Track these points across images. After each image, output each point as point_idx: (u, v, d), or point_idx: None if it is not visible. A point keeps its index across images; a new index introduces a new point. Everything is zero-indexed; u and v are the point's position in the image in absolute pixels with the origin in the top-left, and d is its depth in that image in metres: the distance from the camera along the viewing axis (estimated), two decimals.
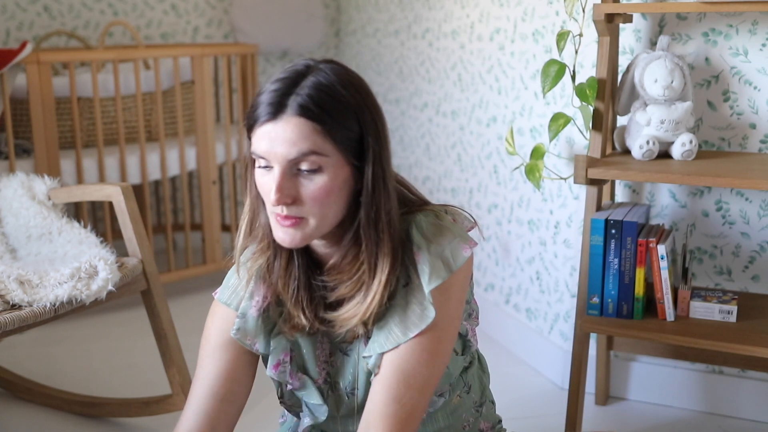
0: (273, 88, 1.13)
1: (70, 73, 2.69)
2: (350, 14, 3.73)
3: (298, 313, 1.23)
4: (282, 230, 1.15)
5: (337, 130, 1.12)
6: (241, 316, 1.27)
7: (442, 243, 1.20)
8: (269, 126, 1.11)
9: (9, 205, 2.17)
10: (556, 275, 2.36)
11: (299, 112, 1.10)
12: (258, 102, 1.14)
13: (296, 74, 1.13)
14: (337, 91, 1.12)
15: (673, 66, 1.91)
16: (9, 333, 1.75)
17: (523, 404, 2.22)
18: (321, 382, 1.32)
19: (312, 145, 1.10)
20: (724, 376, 2.15)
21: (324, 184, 1.12)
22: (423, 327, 1.18)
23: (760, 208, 2.04)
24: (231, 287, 1.30)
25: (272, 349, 1.28)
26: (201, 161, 3.02)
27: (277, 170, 1.12)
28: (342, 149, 1.13)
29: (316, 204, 1.13)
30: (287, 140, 1.10)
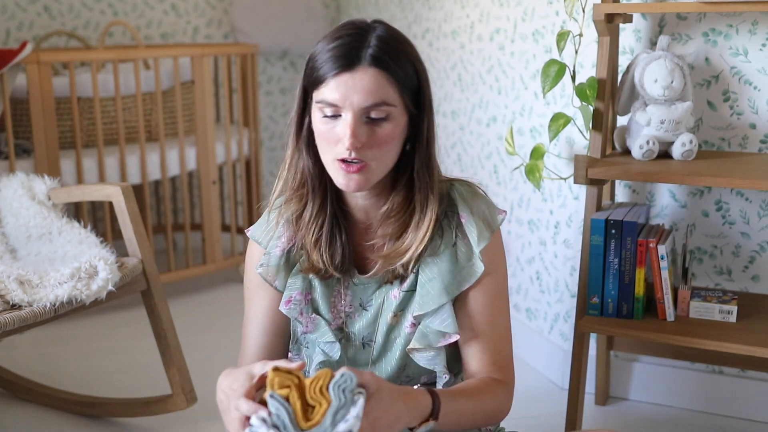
0: (340, 43, 1.21)
1: (70, 73, 2.69)
2: (350, 14, 3.73)
3: (317, 257, 1.30)
4: (346, 176, 1.23)
5: (403, 81, 1.22)
6: (267, 253, 1.35)
7: (482, 207, 1.33)
8: (345, 76, 1.19)
9: (9, 205, 2.17)
10: (556, 275, 2.36)
11: (374, 63, 1.19)
12: (323, 57, 1.22)
13: (360, 29, 1.22)
14: (400, 45, 1.24)
15: (673, 66, 1.91)
16: (9, 333, 1.75)
17: (523, 404, 2.22)
18: (334, 328, 1.36)
19: (384, 95, 1.20)
20: (724, 376, 2.15)
21: (390, 130, 1.22)
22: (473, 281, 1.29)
23: (760, 208, 2.04)
24: (262, 226, 1.37)
25: (288, 286, 1.34)
26: (201, 161, 3.02)
27: (349, 117, 1.20)
28: (405, 99, 1.23)
29: (381, 149, 1.22)
30: (363, 89, 1.19)
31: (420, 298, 1.29)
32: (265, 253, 1.35)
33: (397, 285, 1.32)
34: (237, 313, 2.99)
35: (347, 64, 1.19)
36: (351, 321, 1.35)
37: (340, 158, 1.22)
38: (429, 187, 1.28)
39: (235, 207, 3.27)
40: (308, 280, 1.34)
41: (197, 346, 2.59)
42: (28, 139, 2.77)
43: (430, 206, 1.28)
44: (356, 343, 1.36)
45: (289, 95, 3.93)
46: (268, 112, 3.91)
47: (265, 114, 3.91)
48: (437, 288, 1.28)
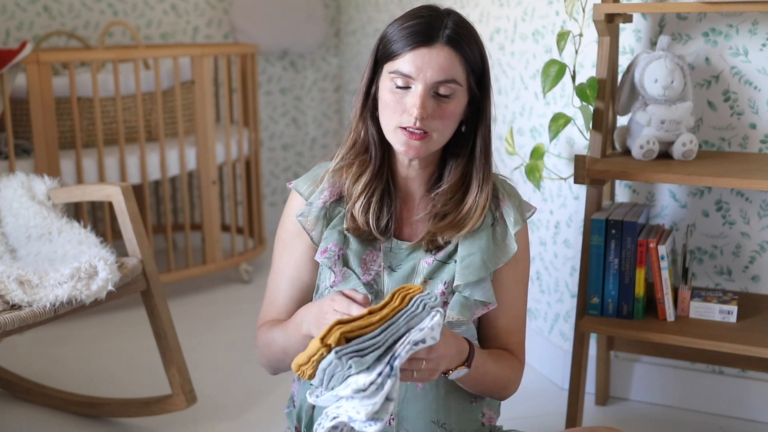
0: (419, 21, 1.30)
1: (70, 73, 2.69)
2: (350, 14, 3.73)
3: (364, 220, 1.37)
4: (408, 143, 1.31)
5: (471, 63, 1.33)
6: (309, 204, 1.41)
7: (519, 197, 1.46)
8: (424, 50, 1.29)
9: (9, 205, 2.17)
10: (556, 275, 2.36)
11: (449, 42, 1.29)
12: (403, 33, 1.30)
13: (437, 12, 1.32)
14: (473, 30, 1.34)
15: (673, 66, 1.90)
16: (9, 333, 1.75)
17: (523, 404, 2.22)
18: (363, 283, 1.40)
19: (454, 74, 1.30)
20: (724, 376, 2.15)
21: (453, 106, 1.32)
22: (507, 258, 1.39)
23: (760, 208, 2.04)
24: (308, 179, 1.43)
25: (324, 238, 1.40)
26: (201, 161, 3.02)
27: (420, 89, 1.29)
28: (470, 80, 1.34)
29: (442, 122, 1.32)
30: (437, 65, 1.29)
31: (462, 269, 1.36)
32: (307, 203, 1.41)
33: (431, 254, 1.39)
34: (237, 313, 3.00)
35: (425, 40, 1.29)
36: (380, 279, 1.39)
37: (403, 126, 1.30)
38: (487, 166, 1.40)
39: (235, 207, 3.27)
40: (344, 235, 1.40)
41: (197, 346, 2.59)
42: (28, 139, 2.77)
43: (488, 185, 1.39)
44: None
45: (289, 95, 3.93)
46: (268, 112, 3.91)
47: (265, 114, 3.91)
48: (478, 262, 1.36)
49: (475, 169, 1.40)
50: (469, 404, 1.41)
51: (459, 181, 1.39)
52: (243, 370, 2.45)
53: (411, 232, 1.41)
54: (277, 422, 2.13)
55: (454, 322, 1.35)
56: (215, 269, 3.12)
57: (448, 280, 1.37)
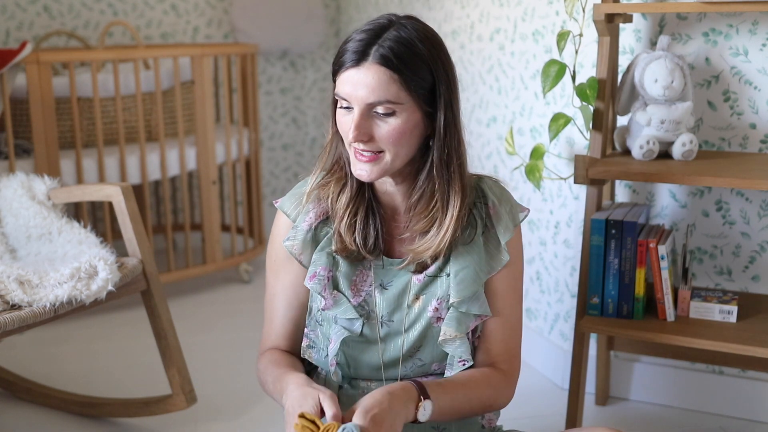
0: (359, 38, 1.27)
1: (70, 73, 2.69)
2: (350, 14, 3.73)
3: (351, 240, 1.35)
4: (360, 165, 1.29)
5: (412, 80, 1.26)
6: (295, 227, 1.39)
7: (510, 201, 1.40)
8: (353, 71, 1.26)
9: (9, 205, 2.17)
10: (556, 275, 2.36)
11: (380, 61, 1.24)
12: (344, 49, 1.28)
13: (380, 27, 1.28)
14: (415, 45, 1.27)
15: (673, 66, 1.90)
16: (9, 333, 1.74)
17: (523, 404, 2.22)
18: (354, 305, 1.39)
19: (387, 93, 1.25)
20: (724, 376, 2.15)
21: (397, 125, 1.27)
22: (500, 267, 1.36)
23: (760, 208, 2.04)
24: (293, 199, 1.42)
25: (313, 261, 1.38)
26: (201, 161, 3.02)
27: (356, 111, 1.26)
28: (415, 96, 1.27)
29: (389, 142, 1.27)
30: (367, 85, 1.25)
31: (457, 285, 1.34)
32: (293, 227, 1.39)
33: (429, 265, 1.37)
34: (237, 313, 3.00)
35: (356, 59, 1.25)
36: (371, 299, 1.38)
37: (353, 148, 1.29)
38: (449, 183, 1.32)
39: (235, 207, 3.27)
40: (332, 257, 1.38)
41: (197, 346, 2.59)
42: (28, 139, 2.77)
43: (452, 203, 1.32)
44: (375, 322, 1.38)
45: (289, 95, 3.93)
46: (268, 112, 3.91)
47: (265, 114, 3.91)
48: (471, 275, 1.34)
49: (438, 185, 1.33)
50: None
51: (430, 198, 1.34)
52: (243, 370, 2.45)
53: (400, 248, 1.39)
54: (277, 422, 2.13)
55: (448, 338, 1.34)
56: (215, 269, 3.12)
57: (441, 295, 1.35)
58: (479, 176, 1.41)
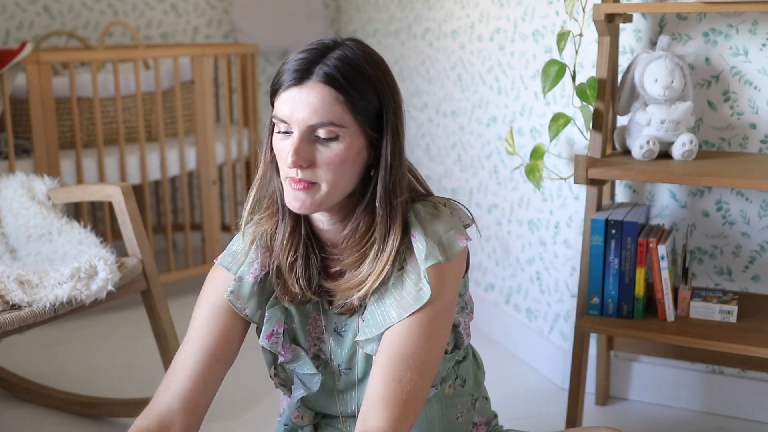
0: (301, 57, 1.18)
1: (70, 73, 2.69)
2: (350, 14, 3.73)
3: (293, 281, 1.26)
4: (294, 194, 1.19)
5: (358, 102, 1.16)
6: (238, 279, 1.30)
7: (439, 230, 1.24)
8: (294, 90, 1.16)
9: (9, 205, 2.17)
10: (556, 275, 2.36)
11: (324, 80, 1.15)
12: (284, 69, 1.18)
13: (324, 46, 1.19)
14: (361, 66, 1.18)
15: (674, 66, 1.90)
16: (9, 333, 1.75)
17: (523, 404, 2.22)
18: (311, 356, 1.33)
19: (331, 115, 1.15)
20: (724, 376, 2.15)
21: (339, 151, 1.16)
22: (419, 305, 1.20)
23: (760, 208, 2.04)
24: (232, 253, 1.33)
25: (267, 319, 1.30)
26: (201, 161, 3.02)
27: (295, 134, 1.16)
28: (360, 121, 1.17)
29: (329, 170, 1.17)
30: (309, 105, 1.15)
31: (365, 324, 1.24)
32: (235, 279, 1.29)
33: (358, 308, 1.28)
34: None
35: (298, 78, 1.16)
36: (327, 347, 1.32)
37: (289, 176, 1.18)
38: (391, 217, 1.21)
39: (235, 207, 3.27)
40: (285, 310, 1.30)
41: None
42: (28, 139, 2.77)
43: (392, 238, 1.21)
44: (334, 370, 1.33)
45: None
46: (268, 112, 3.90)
47: (265, 114, 3.89)
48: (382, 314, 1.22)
49: (380, 218, 1.21)
50: (455, 420, 1.39)
51: (366, 232, 1.22)
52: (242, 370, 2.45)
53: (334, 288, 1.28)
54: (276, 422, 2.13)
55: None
56: None
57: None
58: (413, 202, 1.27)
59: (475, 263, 2.79)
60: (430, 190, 1.33)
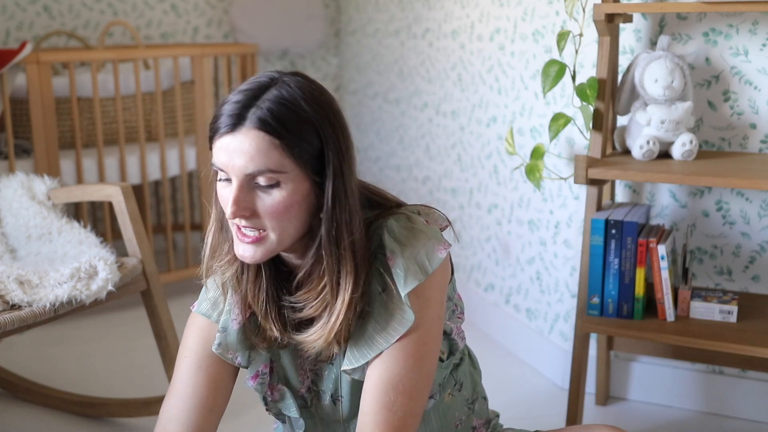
0: (235, 99, 1.11)
1: (70, 73, 2.69)
2: (350, 14, 3.73)
3: (270, 326, 1.22)
4: (242, 246, 1.14)
5: (296, 145, 1.10)
6: (222, 330, 1.26)
7: (416, 246, 1.17)
8: (228, 138, 1.10)
9: (9, 205, 2.17)
10: (556, 275, 2.36)
11: (258, 125, 1.08)
12: (219, 113, 1.12)
13: (259, 86, 1.12)
14: (298, 105, 1.10)
15: (674, 66, 1.91)
16: (9, 333, 1.74)
17: (523, 404, 2.22)
18: (304, 391, 1.31)
19: (269, 161, 1.09)
20: (724, 376, 2.15)
21: (282, 198, 1.11)
22: (404, 331, 1.16)
23: (760, 208, 2.04)
24: (210, 299, 1.29)
25: (252, 360, 1.27)
26: (201, 161, 3.02)
27: (234, 183, 1.11)
28: (301, 164, 1.11)
29: (273, 218, 1.12)
30: (245, 153, 1.09)
31: (350, 353, 1.20)
32: (219, 330, 1.25)
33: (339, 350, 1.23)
34: None
35: (232, 124, 1.09)
36: (319, 379, 1.30)
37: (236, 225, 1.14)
38: (338, 262, 1.14)
39: None
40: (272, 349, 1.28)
41: None
42: (28, 139, 2.77)
43: (342, 288, 1.14)
44: (326, 402, 1.31)
45: None
46: None
47: None
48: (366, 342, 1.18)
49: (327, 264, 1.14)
50: (455, 429, 1.38)
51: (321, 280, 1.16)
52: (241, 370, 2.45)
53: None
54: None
55: None
56: None
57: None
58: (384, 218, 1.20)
59: (475, 263, 2.79)
60: (398, 201, 1.27)
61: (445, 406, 1.34)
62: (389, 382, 1.17)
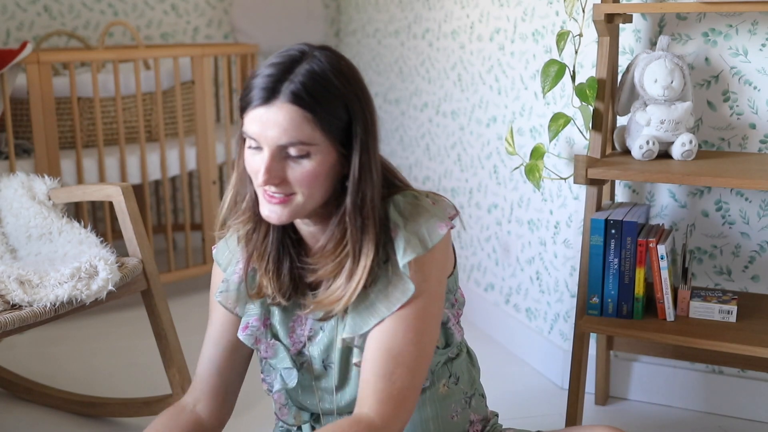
0: (267, 72, 1.17)
1: (70, 73, 2.69)
2: (350, 14, 3.73)
3: (267, 283, 1.28)
4: (269, 207, 1.20)
5: (326, 119, 1.16)
6: (225, 281, 1.34)
7: (419, 221, 1.23)
8: (262, 110, 1.15)
9: (9, 205, 2.17)
10: (556, 275, 2.36)
11: (291, 99, 1.14)
12: (252, 85, 1.17)
13: (291, 60, 1.17)
14: (329, 80, 1.16)
15: (673, 66, 1.91)
16: (9, 333, 1.75)
17: (523, 404, 2.22)
18: (294, 353, 1.34)
19: (301, 134, 1.15)
20: (724, 376, 2.15)
21: (311, 168, 1.17)
22: (405, 300, 1.20)
23: (759, 208, 2.04)
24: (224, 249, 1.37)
25: (246, 311, 1.34)
26: (201, 161, 3.02)
27: (266, 153, 1.16)
28: (330, 137, 1.17)
29: (302, 185, 1.18)
30: (278, 126, 1.14)
31: (351, 320, 1.24)
32: (224, 280, 1.34)
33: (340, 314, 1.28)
34: None
35: (265, 97, 1.15)
36: (311, 344, 1.32)
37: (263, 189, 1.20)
38: (362, 230, 1.20)
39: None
40: (266, 305, 1.32)
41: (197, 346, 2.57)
42: (28, 139, 2.77)
43: (364, 254, 1.21)
44: (316, 367, 1.34)
45: None
46: None
47: None
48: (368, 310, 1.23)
49: (351, 231, 1.20)
50: (451, 420, 1.38)
51: (340, 242, 1.22)
52: None
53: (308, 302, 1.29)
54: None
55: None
56: None
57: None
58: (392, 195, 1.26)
59: (475, 263, 2.79)
60: (408, 184, 1.32)
61: (440, 396, 1.35)
62: (389, 352, 1.20)
